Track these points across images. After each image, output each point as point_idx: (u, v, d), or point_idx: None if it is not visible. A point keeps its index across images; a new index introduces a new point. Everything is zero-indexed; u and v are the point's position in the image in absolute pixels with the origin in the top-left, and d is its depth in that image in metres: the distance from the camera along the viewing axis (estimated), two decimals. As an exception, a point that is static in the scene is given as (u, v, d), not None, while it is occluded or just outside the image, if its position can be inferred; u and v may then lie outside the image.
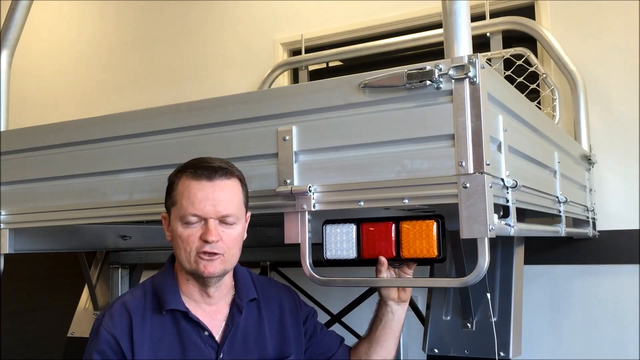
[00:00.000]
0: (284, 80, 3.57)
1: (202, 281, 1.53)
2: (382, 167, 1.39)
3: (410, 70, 1.35)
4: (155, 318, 1.53)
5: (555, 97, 2.78)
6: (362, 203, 1.41)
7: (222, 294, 1.59)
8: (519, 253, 1.96)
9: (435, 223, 1.42)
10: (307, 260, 1.47)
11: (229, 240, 1.49)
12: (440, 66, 1.32)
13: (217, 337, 1.55)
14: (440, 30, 2.75)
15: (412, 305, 2.68)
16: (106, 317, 1.53)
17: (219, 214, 1.46)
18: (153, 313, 1.54)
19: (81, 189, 1.85)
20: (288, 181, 1.49)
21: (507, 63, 2.85)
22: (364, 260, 1.51)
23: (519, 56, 2.82)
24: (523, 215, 1.76)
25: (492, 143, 1.37)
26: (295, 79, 3.62)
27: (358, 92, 1.42)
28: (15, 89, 2.35)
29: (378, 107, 1.41)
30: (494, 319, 1.80)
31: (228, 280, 1.60)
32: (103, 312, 1.57)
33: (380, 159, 1.40)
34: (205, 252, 1.46)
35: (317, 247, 1.52)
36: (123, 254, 3.16)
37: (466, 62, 1.30)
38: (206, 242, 1.45)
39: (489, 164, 1.30)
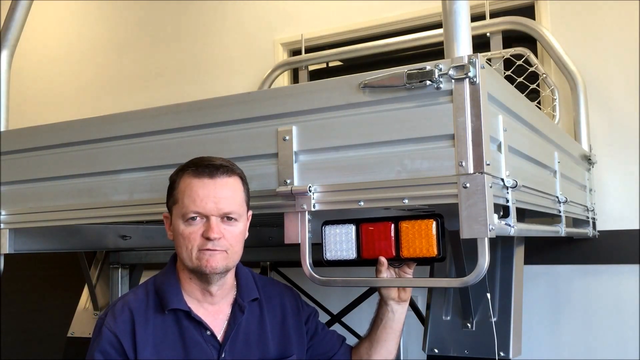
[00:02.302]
0: (284, 80, 3.57)
1: (205, 278, 1.53)
2: (382, 167, 1.39)
3: (410, 70, 1.35)
4: (158, 317, 1.54)
5: (555, 97, 2.78)
6: (362, 203, 1.41)
7: (224, 293, 1.59)
8: (519, 253, 1.95)
9: (434, 222, 1.42)
10: (307, 260, 1.47)
11: (231, 238, 1.49)
12: (440, 66, 1.32)
13: (219, 337, 1.55)
14: (440, 30, 2.75)
15: (412, 305, 2.68)
16: (109, 317, 1.53)
17: (221, 212, 1.46)
18: (155, 312, 1.54)
19: (81, 189, 1.85)
20: (288, 181, 1.49)
21: (507, 63, 2.85)
22: (364, 260, 1.51)
23: (519, 56, 2.82)
24: (523, 215, 1.76)
25: (492, 143, 1.37)
26: (295, 79, 3.62)
27: (358, 92, 1.42)
28: (15, 89, 2.36)
29: (378, 107, 1.41)
30: (494, 319, 1.80)
31: (230, 279, 1.60)
32: (105, 312, 1.57)
33: (380, 159, 1.40)
34: (207, 249, 1.47)
35: (317, 247, 1.52)
36: (123, 254, 3.16)
37: (466, 62, 1.30)
38: (208, 239, 1.45)
39: (489, 164, 1.30)
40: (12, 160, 2.00)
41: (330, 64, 3.63)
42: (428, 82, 1.33)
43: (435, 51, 3.00)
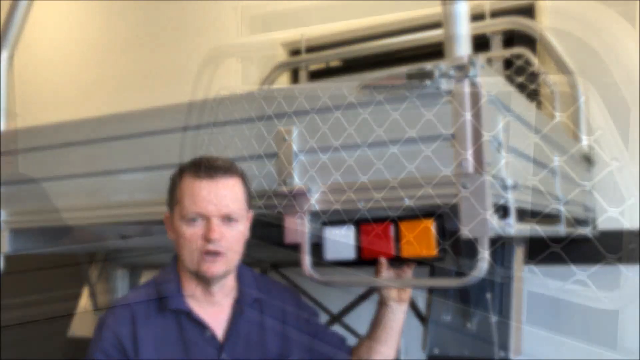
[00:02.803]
0: (284, 80, 3.57)
1: (206, 280, 1.53)
2: (382, 167, 1.39)
3: (410, 70, 1.35)
4: (159, 318, 1.54)
5: (555, 97, 2.78)
6: (362, 203, 1.41)
7: (225, 293, 1.59)
8: (519, 253, 1.95)
9: (434, 222, 1.42)
10: (307, 260, 1.47)
11: (232, 238, 1.49)
12: (441, 66, 1.32)
13: (220, 337, 1.55)
14: (440, 30, 2.74)
15: (412, 305, 2.67)
16: (109, 317, 1.54)
17: (221, 212, 1.46)
18: (156, 313, 1.54)
19: (81, 189, 1.85)
20: (288, 181, 1.49)
21: (507, 63, 2.85)
22: (364, 260, 1.51)
23: (519, 56, 2.82)
24: (523, 215, 1.76)
25: (492, 143, 1.36)
26: (295, 79, 3.62)
27: (358, 92, 1.42)
28: (15, 89, 2.35)
29: (378, 107, 1.41)
30: (494, 319, 1.80)
31: (231, 280, 1.60)
32: (106, 312, 1.57)
33: (380, 159, 1.40)
34: (208, 251, 1.46)
35: (317, 246, 1.52)
36: (123, 254, 3.16)
37: (466, 62, 1.30)
38: (209, 240, 1.45)
39: (489, 164, 1.30)
40: (12, 160, 2.00)
41: (331, 64, 3.63)
42: (428, 82, 1.33)
43: (435, 51, 3.00)
